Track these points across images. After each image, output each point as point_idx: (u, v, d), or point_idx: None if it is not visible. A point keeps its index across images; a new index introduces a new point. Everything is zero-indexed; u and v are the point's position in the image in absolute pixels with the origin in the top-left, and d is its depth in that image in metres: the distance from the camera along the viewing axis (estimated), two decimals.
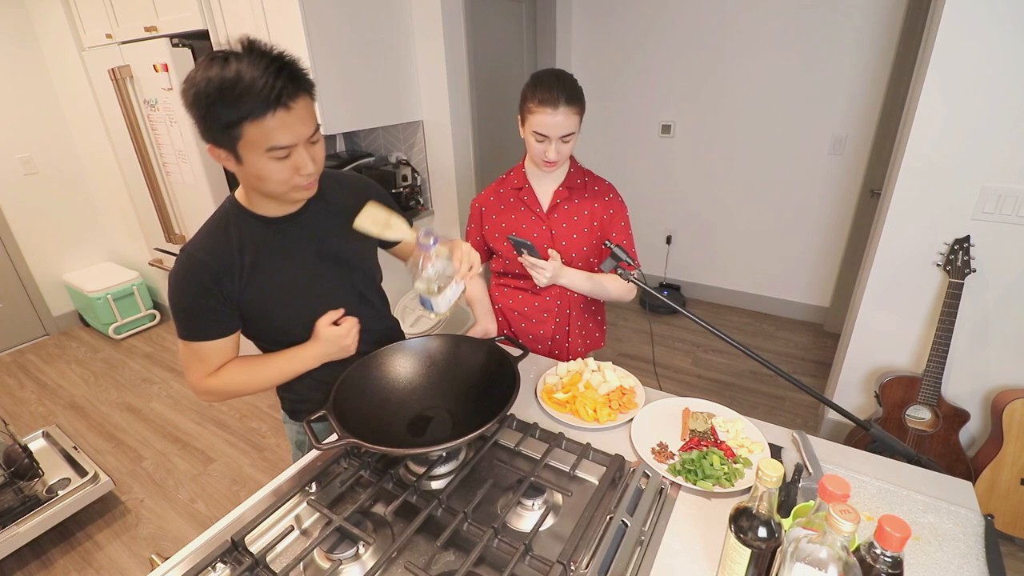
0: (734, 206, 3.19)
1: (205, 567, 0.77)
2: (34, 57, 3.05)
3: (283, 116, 0.79)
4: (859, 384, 2.03)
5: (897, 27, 2.44)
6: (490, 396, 1.02)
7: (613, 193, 1.35)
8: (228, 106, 0.77)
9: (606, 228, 1.34)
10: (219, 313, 0.94)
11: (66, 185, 3.31)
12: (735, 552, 0.65)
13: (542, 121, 1.17)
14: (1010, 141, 1.53)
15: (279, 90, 0.78)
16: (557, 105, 1.15)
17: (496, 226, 1.37)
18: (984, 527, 0.81)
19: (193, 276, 0.92)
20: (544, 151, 1.21)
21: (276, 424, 2.46)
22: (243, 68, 0.77)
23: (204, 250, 0.93)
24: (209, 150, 0.85)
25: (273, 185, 0.86)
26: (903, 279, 1.80)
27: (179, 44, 2.12)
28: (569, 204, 1.33)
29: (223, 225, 0.95)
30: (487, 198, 1.39)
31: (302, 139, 0.84)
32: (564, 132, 1.18)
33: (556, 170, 1.32)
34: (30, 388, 2.86)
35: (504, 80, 2.99)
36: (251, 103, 0.77)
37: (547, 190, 1.34)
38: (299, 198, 0.94)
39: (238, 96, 0.76)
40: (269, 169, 0.83)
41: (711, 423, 1.04)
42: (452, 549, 0.82)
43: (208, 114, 0.79)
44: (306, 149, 0.85)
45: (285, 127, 0.80)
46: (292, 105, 0.80)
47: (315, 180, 0.91)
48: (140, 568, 1.79)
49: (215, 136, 0.82)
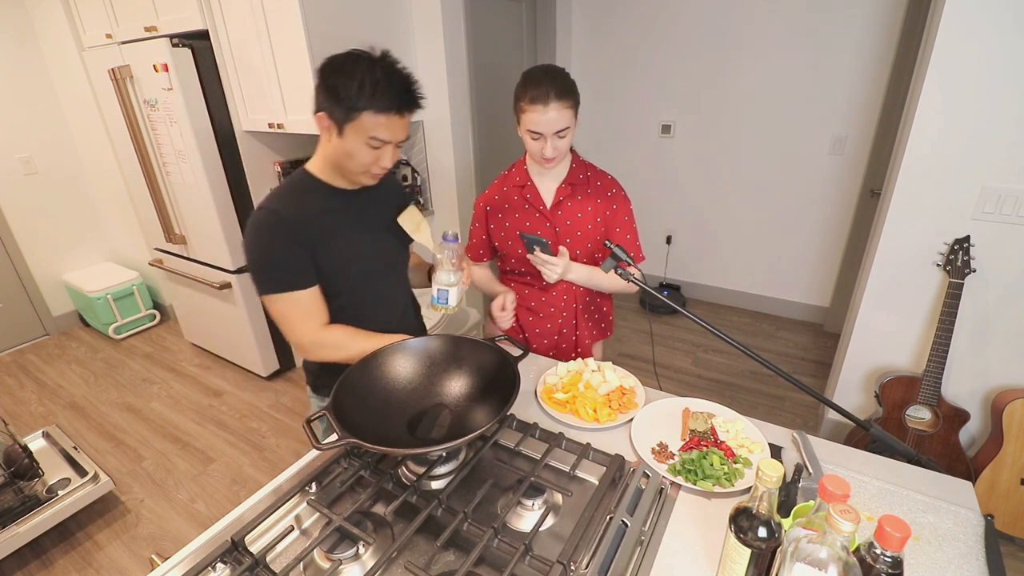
0: (734, 206, 3.19)
1: (205, 567, 0.77)
2: (34, 57, 3.05)
3: (397, 120, 0.97)
4: (859, 384, 2.03)
5: (897, 27, 2.44)
6: (490, 396, 1.02)
7: (616, 188, 1.35)
8: (363, 96, 0.92)
9: (610, 223, 1.34)
10: (307, 261, 1.03)
11: (66, 185, 3.31)
12: (735, 552, 0.65)
13: (535, 119, 1.17)
14: (1010, 141, 1.53)
15: (404, 101, 0.97)
16: (548, 101, 1.15)
17: (501, 225, 1.37)
18: (984, 527, 0.81)
19: (280, 229, 1.01)
20: (541, 148, 1.21)
21: (276, 424, 2.46)
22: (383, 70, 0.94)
23: (285, 207, 1.03)
24: (317, 117, 0.99)
25: (354, 165, 1.01)
26: (903, 279, 1.80)
27: (179, 44, 2.12)
28: (572, 201, 1.32)
29: (299, 188, 1.07)
30: (491, 197, 1.39)
31: (395, 141, 1.00)
32: (557, 128, 1.18)
33: (557, 166, 1.31)
34: (30, 388, 2.86)
35: (504, 80, 3.00)
36: (382, 101, 0.94)
37: (550, 187, 1.34)
38: (363, 182, 1.08)
39: (373, 91, 0.93)
40: (360, 152, 0.98)
41: (711, 423, 1.04)
42: (452, 549, 0.82)
43: (341, 94, 0.93)
44: (392, 149, 1.01)
45: (392, 128, 0.97)
46: (405, 115, 0.99)
47: (382, 175, 1.07)
48: (140, 568, 1.79)
49: (332, 108, 0.95)
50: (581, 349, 1.46)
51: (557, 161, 1.26)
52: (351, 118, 0.95)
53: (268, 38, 1.99)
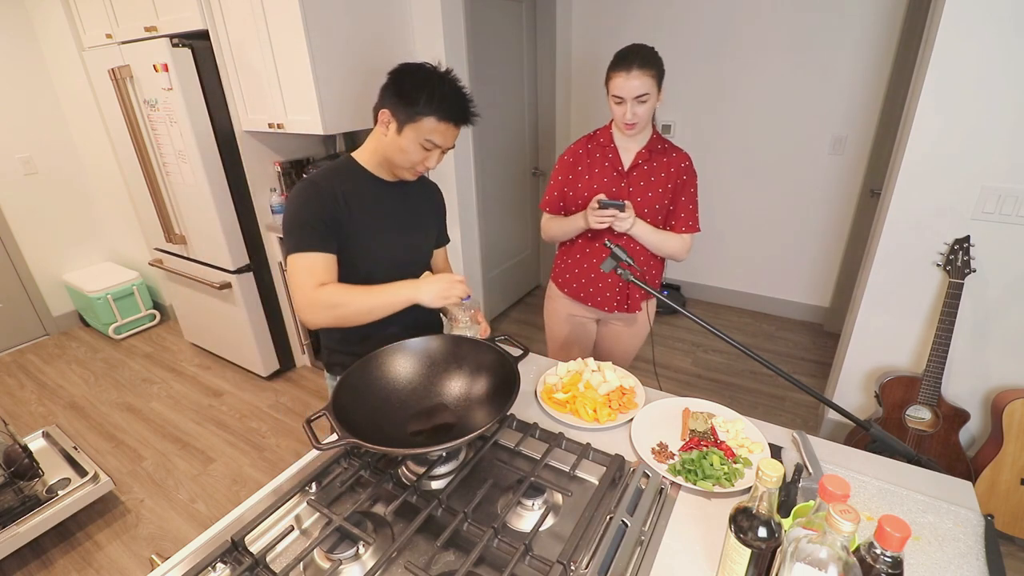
0: (734, 206, 3.19)
1: (205, 567, 0.77)
2: (34, 57, 3.05)
3: (452, 129, 1.09)
4: (859, 384, 2.03)
5: (897, 27, 2.44)
6: (490, 396, 1.02)
7: (688, 161, 1.47)
8: (430, 105, 1.04)
9: (678, 190, 1.46)
10: (331, 231, 1.09)
11: (66, 185, 3.31)
12: (735, 552, 0.65)
13: (617, 84, 1.31)
14: (1010, 141, 1.53)
15: (463, 115, 1.09)
16: (630, 68, 1.28)
17: (580, 177, 1.49)
18: (984, 527, 0.81)
19: (316, 195, 1.09)
20: (623, 113, 1.34)
21: (276, 424, 2.46)
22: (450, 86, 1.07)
23: (326, 180, 1.12)
24: (380, 112, 1.09)
25: (404, 160, 1.10)
26: (903, 279, 1.80)
27: (179, 44, 2.12)
28: (648, 165, 1.44)
29: (341, 170, 1.16)
30: (576, 151, 1.52)
31: (445, 147, 1.11)
32: (638, 93, 1.29)
33: (638, 134, 1.42)
34: (30, 388, 2.86)
35: (503, 80, 2.99)
36: (445, 111, 1.05)
37: (630, 151, 1.46)
38: (407, 177, 1.17)
39: (439, 101, 1.04)
40: (411, 150, 1.08)
41: (711, 423, 1.04)
42: (452, 549, 0.82)
43: (410, 98, 1.04)
44: (439, 154, 1.12)
45: (447, 135, 1.09)
46: (459, 126, 1.10)
47: (423, 173, 1.17)
48: (140, 568, 1.79)
49: (397, 107, 1.06)
50: (631, 303, 1.58)
51: (638, 128, 1.38)
52: (414, 119, 1.05)
53: (268, 38, 1.99)
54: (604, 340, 1.73)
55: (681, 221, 1.47)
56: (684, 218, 1.47)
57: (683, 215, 1.47)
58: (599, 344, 1.76)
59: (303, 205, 1.09)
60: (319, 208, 1.08)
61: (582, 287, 1.59)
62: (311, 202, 1.09)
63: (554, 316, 1.72)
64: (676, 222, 1.48)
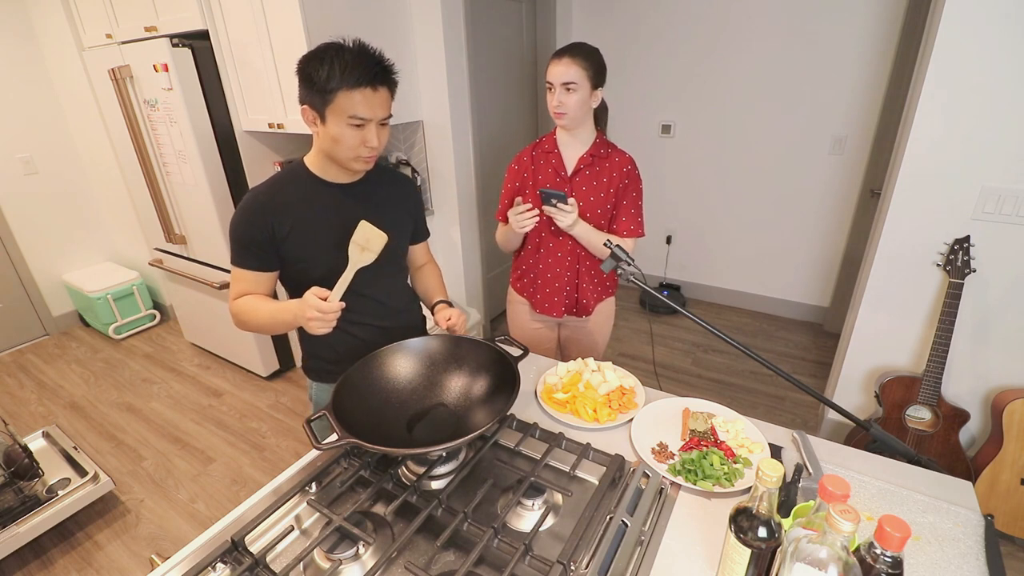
0: (734, 206, 3.19)
1: (205, 567, 0.77)
2: (34, 57, 3.05)
3: (369, 94, 0.99)
4: (859, 384, 2.03)
5: (897, 27, 2.44)
6: (490, 396, 1.02)
7: (631, 166, 1.47)
8: (334, 76, 0.97)
9: (619, 196, 1.47)
10: (263, 248, 1.09)
11: (66, 185, 3.31)
12: (735, 552, 0.65)
13: (549, 70, 1.35)
14: (1010, 141, 1.53)
15: (375, 74, 0.99)
16: (562, 56, 1.33)
17: (526, 184, 1.51)
18: (984, 527, 0.81)
19: (252, 214, 1.08)
20: (551, 101, 1.36)
21: (276, 424, 2.46)
22: (352, 52, 0.98)
23: (268, 192, 1.10)
24: (302, 111, 1.04)
25: (343, 150, 1.04)
26: (903, 279, 1.80)
27: (179, 44, 2.12)
28: (591, 170, 1.46)
29: (289, 178, 1.13)
30: (522, 158, 1.53)
31: (376, 118, 1.02)
32: (564, 80, 1.32)
33: (575, 129, 1.43)
34: (30, 388, 2.85)
35: (504, 80, 2.99)
36: (352, 76, 0.97)
37: (573, 155, 1.47)
38: (358, 168, 1.11)
39: (343, 70, 0.96)
40: (344, 135, 1.02)
41: (711, 423, 1.04)
42: (452, 549, 0.82)
43: (315, 80, 0.97)
44: (376, 128, 1.04)
45: (370, 103, 1.00)
46: (378, 88, 1.00)
47: (374, 157, 1.09)
48: (140, 568, 1.79)
49: (312, 97, 1.00)
50: (585, 302, 1.58)
51: (568, 120, 1.38)
52: (328, 101, 0.99)
53: (268, 38, 1.99)
54: (568, 341, 1.74)
55: (623, 225, 1.48)
56: (626, 222, 1.47)
57: (625, 219, 1.47)
58: (564, 345, 1.76)
59: (239, 223, 1.08)
60: (252, 229, 1.08)
61: (531, 295, 1.62)
62: (246, 222, 1.08)
63: (516, 319, 1.72)
64: (618, 225, 1.48)
